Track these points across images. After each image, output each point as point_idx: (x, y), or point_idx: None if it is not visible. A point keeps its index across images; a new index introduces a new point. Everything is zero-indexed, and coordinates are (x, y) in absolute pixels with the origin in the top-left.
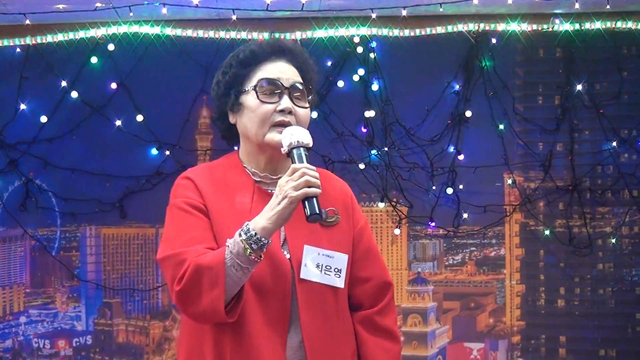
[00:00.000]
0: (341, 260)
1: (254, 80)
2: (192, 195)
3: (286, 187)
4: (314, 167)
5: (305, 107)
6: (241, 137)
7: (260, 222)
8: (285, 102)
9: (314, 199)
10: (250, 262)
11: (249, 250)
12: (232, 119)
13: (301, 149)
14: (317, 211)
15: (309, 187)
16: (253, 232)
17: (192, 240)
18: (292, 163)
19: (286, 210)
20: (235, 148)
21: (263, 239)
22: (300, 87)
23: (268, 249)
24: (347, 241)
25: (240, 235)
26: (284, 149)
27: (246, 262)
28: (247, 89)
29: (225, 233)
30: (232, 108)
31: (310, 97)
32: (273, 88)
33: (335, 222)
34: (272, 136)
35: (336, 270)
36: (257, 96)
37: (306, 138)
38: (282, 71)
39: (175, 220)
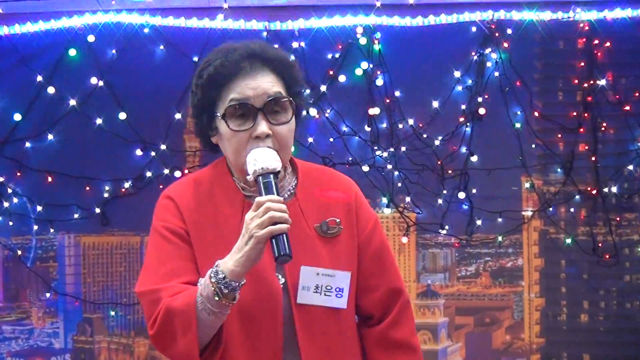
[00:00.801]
0: (343, 278)
1: (224, 104)
2: (172, 219)
3: (251, 225)
4: (280, 199)
5: (287, 122)
6: (225, 157)
7: (228, 264)
8: (261, 128)
9: (283, 237)
10: (221, 307)
11: (218, 295)
12: (213, 140)
13: (270, 176)
14: (287, 251)
15: (275, 223)
16: (222, 275)
17: (170, 274)
18: (259, 194)
19: (253, 251)
20: None
21: (233, 282)
22: (278, 100)
23: (259, 275)
24: (351, 253)
25: (210, 276)
26: (249, 177)
27: (217, 306)
28: (218, 115)
29: (211, 260)
30: (210, 130)
31: (292, 106)
32: (244, 111)
33: (337, 232)
34: (251, 178)
35: (337, 290)
36: (228, 125)
37: (272, 162)
38: (254, 87)
39: (155, 247)
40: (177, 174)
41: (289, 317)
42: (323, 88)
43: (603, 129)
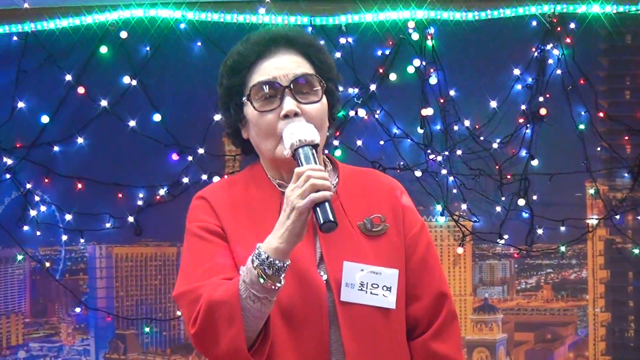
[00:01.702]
0: (390, 276)
1: (248, 88)
2: (207, 218)
3: (292, 196)
4: (321, 167)
5: (316, 101)
6: (256, 150)
7: (271, 242)
8: (288, 105)
9: (326, 204)
10: (267, 290)
11: (262, 277)
12: (244, 134)
13: (306, 148)
14: (331, 218)
15: (317, 191)
16: (265, 255)
17: (209, 272)
18: (298, 167)
19: (297, 224)
20: None
21: (277, 261)
22: (305, 78)
23: (300, 271)
24: (398, 253)
25: (252, 260)
26: (287, 152)
27: (262, 291)
28: (243, 100)
29: (248, 257)
30: (239, 122)
31: (323, 84)
32: (270, 92)
33: (382, 231)
34: (282, 149)
35: (385, 288)
36: (254, 106)
37: (310, 134)
38: (279, 67)
39: (190, 248)
40: (216, 179)
41: (334, 316)
42: (372, 87)
43: None
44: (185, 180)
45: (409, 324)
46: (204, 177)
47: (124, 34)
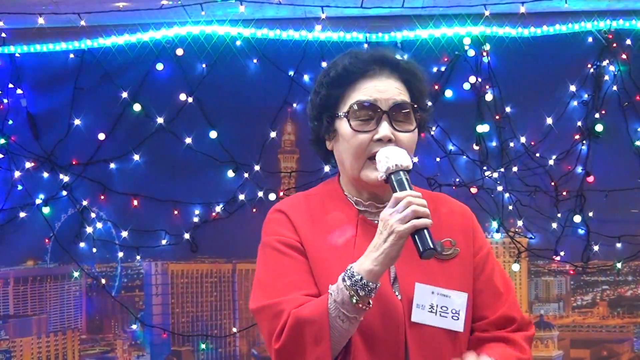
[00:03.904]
0: (459, 299)
1: (347, 104)
2: (286, 232)
3: (391, 220)
4: (419, 194)
5: (410, 131)
6: (338, 164)
7: (365, 264)
8: (384, 130)
9: (425, 231)
10: (357, 310)
11: (355, 297)
12: (328, 145)
13: (401, 173)
14: (431, 245)
15: (418, 217)
16: (358, 277)
17: (289, 286)
18: (393, 191)
19: (394, 247)
20: (327, 169)
21: (370, 283)
22: (404, 106)
23: (378, 291)
24: (467, 277)
25: (344, 280)
26: (381, 175)
27: (353, 311)
28: (339, 114)
29: (327, 274)
30: (327, 133)
31: (418, 115)
32: (369, 113)
33: (452, 255)
34: (368, 173)
35: (454, 311)
36: (350, 124)
37: (405, 160)
38: (381, 90)
39: (269, 262)
40: (272, 196)
41: (405, 335)
42: (428, 104)
43: None
44: (241, 197)
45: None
46: (260, 194)
47: (179, 51)
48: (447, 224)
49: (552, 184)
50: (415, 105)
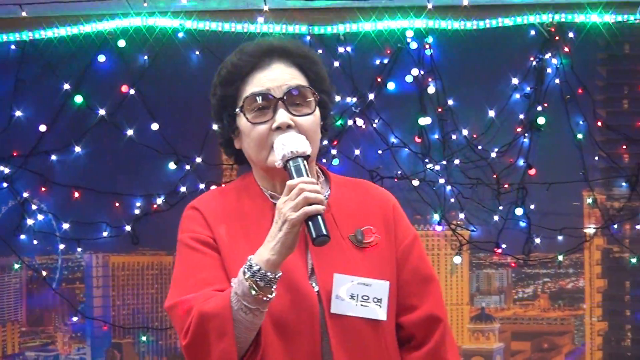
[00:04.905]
0: (381, 288)
1: (242, 99)
2: (199, 229)
3: (284, 208)
4: (313, 180)
5: (309, 114)
6: (248, 160)
7: (263, 254)
8: (281, 117)
9: (319, 218)
10: (258, 302)
11: (254, 288)
12: (236, 144)
13: (299, 159)
14: (324, 232)
15: (310, 204)
16: (257, 267)
17: (201, 283)
18: (290, 178)
19: (289, 236)
20: None
21: (269, 273)
22: (299, 90)
23: (291, 282)
24: (389, 265)
25: (244, 272)
26: (278, 163)
27: (254, 302)
28: (237, 111)
29: (240, 268)
30: (232, 133)
31: (317, 97)
32: (263, 103)
33: (372, 242)
34: (273, 159)
35: (375, 300)
36: (247, 118)
37: (302, 146)
38: (273, 78)
39: (182, 259)
40: (213, 188)
41: (324, 327)
42: (370, 96)
43: None
44: (183, 189)
45: (403, 335)
46: (202, 186)
47: (122, 43)
48: (368, 211)
49: (494, 176)
50: (311, 89)
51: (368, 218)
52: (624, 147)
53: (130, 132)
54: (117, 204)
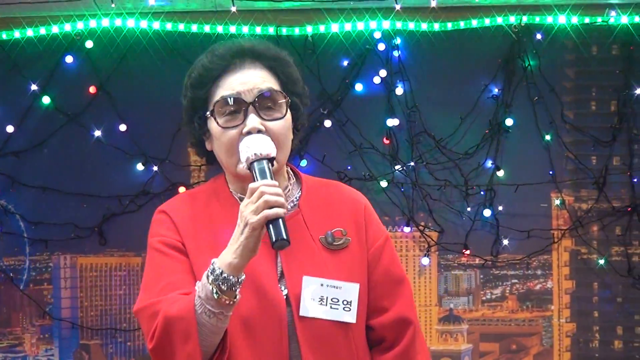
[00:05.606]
0: (351, 290)
1: (212, 102)
2: (167, 233)
3: (245, 212)
4: (275, 183)
5: (280, 118)
6: (219, 163)
7: (225, 257)
8: (251, 122)
9: (280, 221)
10: (222, 305)
11: (217, 292)
12: (208, 146)
13: (263, 162)
14: (284, 236)
15: (270, 207)
16: (219, 271)
17: (168, 287)
18: (254, 181)
19: (250, 239)
20: None
21: (232, 277)
22: (270, 93)
23: (260, 286)
24: (360, 266)
25: (207, 276)
26: (242, 166)
27: (217, 306)
28: (207, 114)
29: None
30: (203, 135)
31: (288, 100)
32: (234, 107)
33: (343, 244)
34: (244, 166)
35: (345, 302)
36: (217, 122)
37: (266, 148)
38: (244, 82)
39: (152, 263)
40: (182, 189)
41: (294, 330)
42: (338, 98)
43: (639, 141)
44: (151, 190)
45: (374, 337)
46: (170, 187)
47: (89, 44)
48: (339, 213)
49: (462, 178)
50: (282, 92)
51: (339, 219)
52: (592, 148)
53: (98, 133)
54: (84, 205)
